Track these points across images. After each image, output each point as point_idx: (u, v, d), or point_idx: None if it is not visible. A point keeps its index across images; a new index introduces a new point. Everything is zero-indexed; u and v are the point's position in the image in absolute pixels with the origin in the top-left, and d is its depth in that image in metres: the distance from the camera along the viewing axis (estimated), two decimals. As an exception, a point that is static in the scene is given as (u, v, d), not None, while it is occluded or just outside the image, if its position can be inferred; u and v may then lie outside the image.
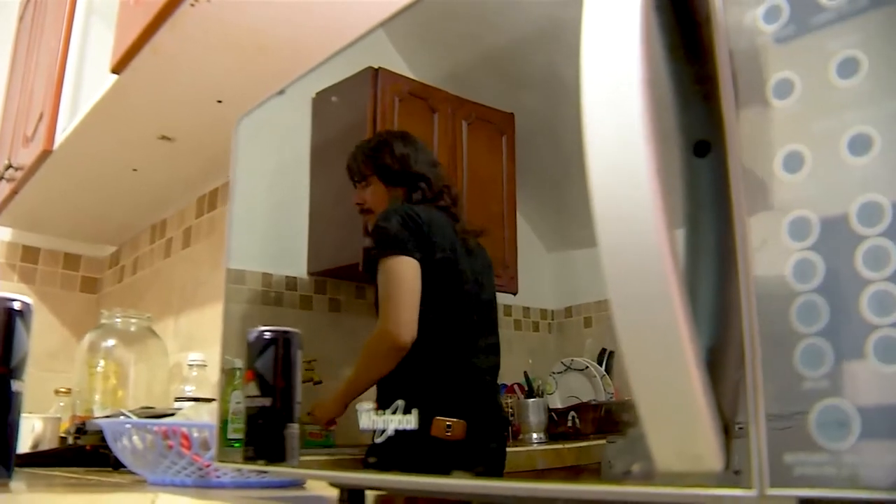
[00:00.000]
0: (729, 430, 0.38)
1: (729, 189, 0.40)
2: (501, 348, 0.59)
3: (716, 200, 0.41)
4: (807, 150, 0.37)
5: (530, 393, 0.53)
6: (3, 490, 0.87)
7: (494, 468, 0.59)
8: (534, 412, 0.54)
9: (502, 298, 0.59)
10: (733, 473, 0.37)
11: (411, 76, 0.73)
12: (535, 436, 0.54)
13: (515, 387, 0.53)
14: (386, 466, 0.61)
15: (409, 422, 0.59)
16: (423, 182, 0.75)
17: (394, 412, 0.60)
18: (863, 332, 0.34)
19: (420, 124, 0.71)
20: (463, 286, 0.67)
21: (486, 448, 0.60)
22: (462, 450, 0.60)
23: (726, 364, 0.39)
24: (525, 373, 0.53)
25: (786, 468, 0.35)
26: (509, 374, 0.56)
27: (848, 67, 0.36)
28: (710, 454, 0.38)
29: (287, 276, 0.88)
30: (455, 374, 0.64)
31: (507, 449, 0.56)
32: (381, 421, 0.61)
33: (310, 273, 0.84)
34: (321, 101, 0.86)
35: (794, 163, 0.37)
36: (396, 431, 0.60)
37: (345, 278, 0.81)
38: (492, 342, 0.62)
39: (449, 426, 0.60)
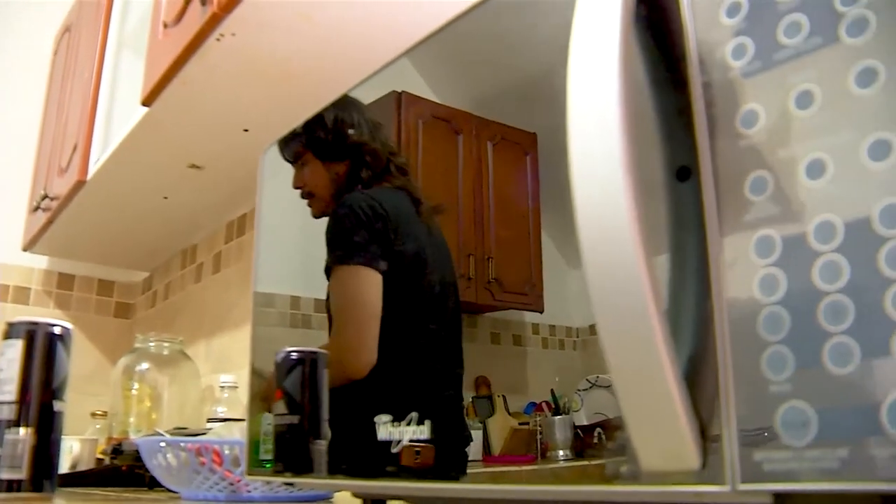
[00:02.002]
0: (706, 431, 0.42)
1: (703, 212, 0.43)
2: (528, 366, 0.59)
3: (696, 222, 0.45)
4: (769, 175, 0.41)
5: (557, 410, 0.54)
6: (49, 500, 0.92)
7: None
8: (560, 429, 0.54)
9: (530, 317, 0.60)
10: (710, 471, 0.41)
11: (435, 99, 0.74)
12: (561, 453, 0.55)
13: (543, 405, 0.54)
14: (403, 475, 0.64)
15: (423, 432, 0.62)
16: (368, 154, 0.71)
17: (408, 423, 0.63)
18: (819, 339, 0.37)
19: (445, 146, 0.71)
20: (432, 287, 0.65)
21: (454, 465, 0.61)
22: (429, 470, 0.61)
23: (706, 371, 0.43)
24: (552, 390, 0.54)
25: (756, 465, 0.39)
26: (537, 391, 0.57)
27: (804, 99, 0.40)
28: (688, 454, 0.41)
29: (316, 299, 0.88)
30: (418, 386, 0.63)
31: (536, 467, 0.56)
32: (398, 432, 0.64)
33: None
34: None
35: (759, 186, 0.41)
36: (411, 441, 0.63)
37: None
38: (457, 346, 0.62)
39: (418, 452, 0.62)
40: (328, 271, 0.73)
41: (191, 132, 1.70)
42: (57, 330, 0.96)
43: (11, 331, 0.94)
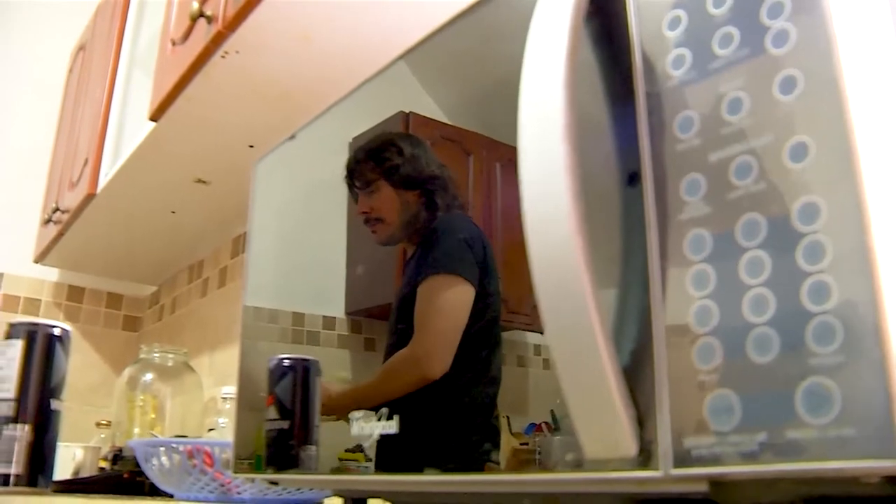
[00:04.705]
0: (643, 420, 0.44)
1: (645, 211, 0.46)
2: (530, 387, 0.60)
3: (643, 224, 0.48)
4: (702, 178, 0.43)
5: (557, 431, 0.55)
6: (43, 494, 0.95)
7: None
8: (559, 450, 0.54)
9: (532, 338, 0.60)
10: (645, 457, 0.43)
11: (446, 121, 0.74)
12: (560, 473, 0.57)
13: (543, 425, 0.55)
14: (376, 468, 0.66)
15: (391, 427, 0.65)
16: (440, 185, 0.71)
17: (378, 419, 0.66)
18: (744, 330, 0.40)
19: (454, 167, 0.71)
20: (494, 318, 0.65)
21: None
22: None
23: (644, 364, 0.45)
24: (552, 411, 0.55)
25: (686, 450, 0.41)
26: (538, 412, 0.58)
27: (735, 106, 0.43)
28: (626, 442, 0.44)
29: (325, 316, 0.88)
30: (477, 414, 0.64)
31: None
32: (369, 427, 0.67)
33: (347, 313, 0.84)
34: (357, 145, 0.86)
35: (694, 188, 0.44)
36: (381, 436, 0.66)
37: (380, 318, 0.80)
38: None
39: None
40: (418, 279, 0.73)
41: (197, 147, 1.74)
42: (56, 331, 0.99)
43: (12, 331, 0.97)
